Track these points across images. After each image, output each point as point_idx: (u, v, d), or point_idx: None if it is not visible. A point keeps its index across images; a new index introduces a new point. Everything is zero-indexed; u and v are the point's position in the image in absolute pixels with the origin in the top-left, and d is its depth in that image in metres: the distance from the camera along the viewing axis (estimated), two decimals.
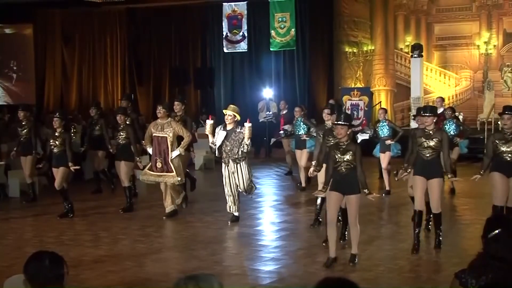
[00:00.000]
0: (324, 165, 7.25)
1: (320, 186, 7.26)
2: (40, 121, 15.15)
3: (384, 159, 10.87)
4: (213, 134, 8.77)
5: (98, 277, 6.51)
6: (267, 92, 18.51)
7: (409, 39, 18.18)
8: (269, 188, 12.34)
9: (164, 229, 8.87)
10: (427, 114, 7.20)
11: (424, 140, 7.16)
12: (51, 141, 9.48)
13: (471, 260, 3.46)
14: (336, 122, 6.64)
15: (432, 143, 7.13)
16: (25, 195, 10.96)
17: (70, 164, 9.30)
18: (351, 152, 6.47)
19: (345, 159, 6.48)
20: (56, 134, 9.45)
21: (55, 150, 9.41)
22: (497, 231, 3.38)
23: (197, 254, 7.38)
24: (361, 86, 18.45)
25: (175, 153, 9.12)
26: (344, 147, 6.51)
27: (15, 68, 22.07)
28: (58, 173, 9.41)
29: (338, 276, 2.56)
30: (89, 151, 11.69)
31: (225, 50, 19.64)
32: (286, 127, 12.31)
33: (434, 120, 7.21)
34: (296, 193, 11.53)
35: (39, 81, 21.61)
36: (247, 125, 8.53)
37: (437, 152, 7.17)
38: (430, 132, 7.16)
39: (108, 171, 11.88)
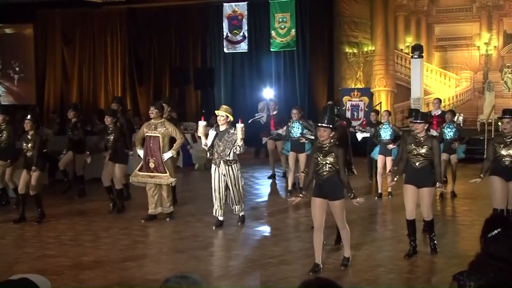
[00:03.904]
0: None
1: None
2: (41, 121, 15.12)
3: (386, 164, 10.74)
4: (206, 136, 8.68)
5: (98, 277, 6.51)
6: (267, 93, 18.53)
7: (410, 40, 18.20)
8: (268, 189, 12.34)
9: (164, 229, 8.85)
10: (418, 121, 7.02)
11: (414, 147, 6.99)
12: (23, 144, 9.23)
13: (470, 261, 3.45)
14: (319, 124, 6.47)
15: (422, 151, 6.96)
16: None
17: (33, 168, 9.04)
18: (333, 155, 6.31)
19: (327, 162, 6.33)
20: (28, 137, 9.18)
21: (28, 153, 9.18)
22: (496, 230, 3.38)
23: (197, 254, 7.38)
24: (361, 87, 18.47)
25: (167, 155, 8.99)
26: (326, 149, 6.36)
27: (17, 69, 22.09)
28: (33, 176, 9.12)
29: (316, 277, 2.59)
30: (69, 153, 11.30)
31: (225, 50, 19.67)
32: (280, 131, 12.13)
33: (425, 127, 7.05)
34: (296, 194, 11.49)
35: (40, 81, 21.63)
36: (239, 126, 8.38)
37: (428, 160, 6.98)
38: (421, 139, 6.99)
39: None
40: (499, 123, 7.85)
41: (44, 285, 3.50)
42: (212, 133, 8.63)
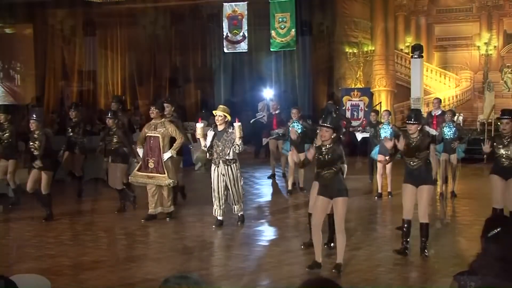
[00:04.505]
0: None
1: (311, 202, 7.22)
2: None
3: (386, 163, 10.70)
4: (205, 137, 8.70)
5: (98, 277, 6.51)
6: (267, 92, 18.53)
7: (409, 40, 18.19)
8: (269, 188, 12.34)
9: (164, 229, 8.85)
10: (411, 122, 6.98)
11: None
12: (30, 143, 9.24)
13: (470, 261, 3.45)
14: (321, 124, 6.49)
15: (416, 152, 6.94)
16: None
17: (36, 162, 9.05)
18: (335, 155, 6.35)
19: (329, 163, 6.36)
20: (34, 136, 9.17)
21: (35, 152, 9.16)
22: (497, 230, 3.37)
23: (197, 254, 7.38)
24: (361, 87, 18.47)
25: (167, 155, 8.99)
26: (327, 150, 6.39)
27: (17, 68, 22.08)
28: (43, 177, 9.16)
29: (317, 276, 2.59)
30: (69, 154, 11.27)
31: (225, 50, 19.62)
32: (278, 130, 12.15)
33: (419, 128, 7.01)
34: (296, 194, 11.51)
35: (39, 81, 21.61)
36: (237, 124, 8.42)
37: (423, 160, 6.98)
38: (414, 140, 6.97)
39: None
40: (499, 123, 7.85)
41: (44, 285, 3.50)
42: (210, 133, 8.65)
